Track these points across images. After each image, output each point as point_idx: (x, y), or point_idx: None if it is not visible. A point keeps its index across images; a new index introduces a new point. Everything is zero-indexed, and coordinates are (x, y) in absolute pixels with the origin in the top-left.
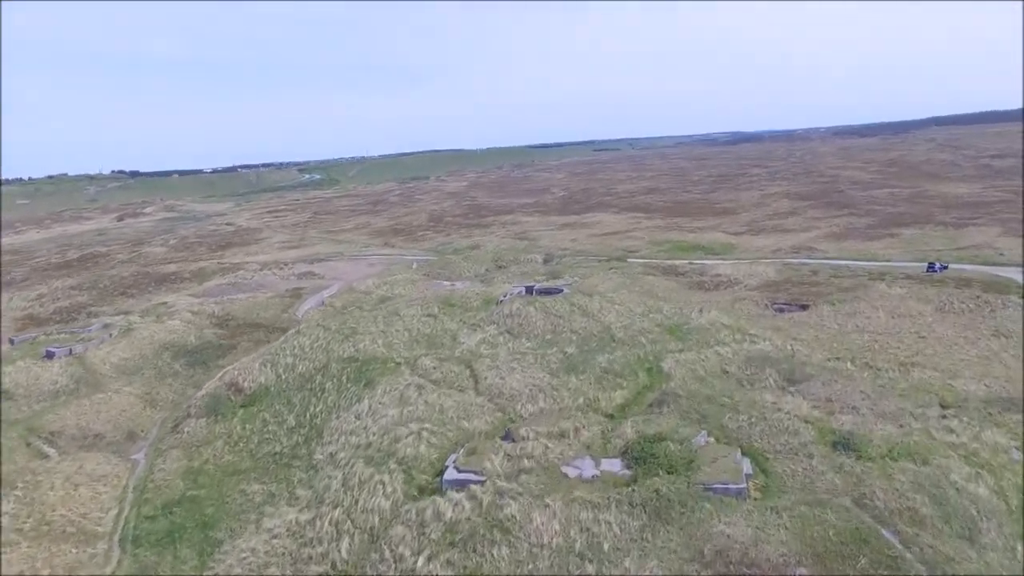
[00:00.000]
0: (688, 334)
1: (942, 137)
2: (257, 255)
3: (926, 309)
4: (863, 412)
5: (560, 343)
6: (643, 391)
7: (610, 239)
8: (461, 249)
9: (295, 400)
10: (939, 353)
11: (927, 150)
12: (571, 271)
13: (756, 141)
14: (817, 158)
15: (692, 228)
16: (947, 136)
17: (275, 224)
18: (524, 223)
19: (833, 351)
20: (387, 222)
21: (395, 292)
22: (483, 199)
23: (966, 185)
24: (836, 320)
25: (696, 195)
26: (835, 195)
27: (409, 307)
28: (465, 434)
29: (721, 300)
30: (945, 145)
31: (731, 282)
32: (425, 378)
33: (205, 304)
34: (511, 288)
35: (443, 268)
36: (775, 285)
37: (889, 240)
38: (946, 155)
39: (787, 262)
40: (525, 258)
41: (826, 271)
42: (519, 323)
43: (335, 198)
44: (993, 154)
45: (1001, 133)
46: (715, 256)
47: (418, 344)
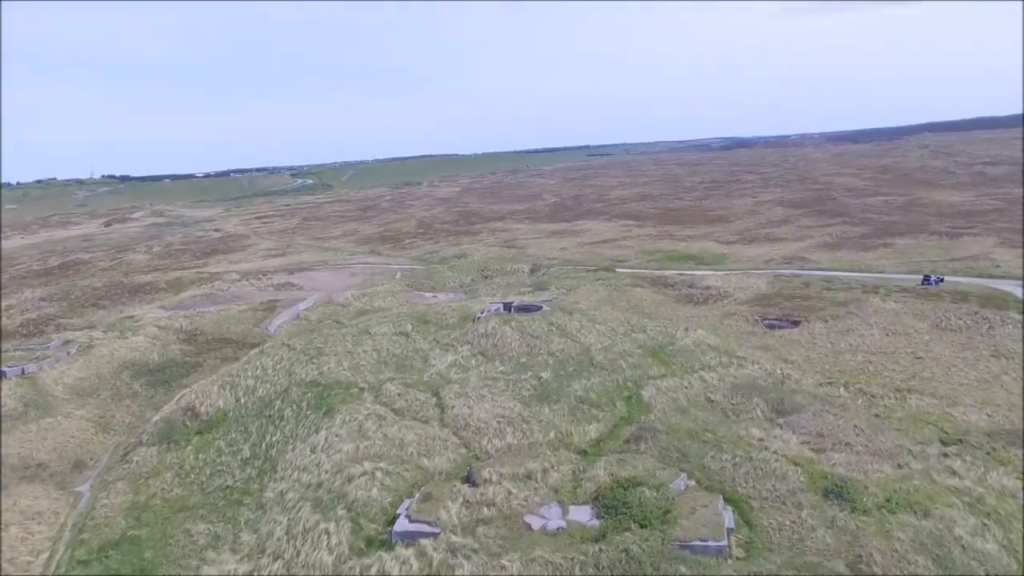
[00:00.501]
0: (672, 356)
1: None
2: (240, 263)
3: (922, 326)
4: (857, 449)
5: (535, 367)
6: (620, 424)
7: (600, 248)
8: (448, 258)
9: (252, 428)
10: (937, 376)
11: (920, 157)
12: (557, 282)
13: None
14: (810, 164)
15: (683, 237)
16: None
17: (262, 230)
18: (514, 230)
19: (825, 374)
20: (376, 229)
21: (374, 304)
22: (474, 205)
23: (960, 193)
24: (829, 338)
25: (688, 202)
26: (828, 203)
27: (381, 324)
28: (424, 474)
29: (710, 315)
30: (938, 151)
31: (721, 295)
32: (388, 406)
33: (174, 318)
34: (488, 305)
35: (427, 278)
36: (766, 299)
37: (883, 250)
38: (939, 162)
39: (779, 274)
40: (512, 268)
41: (818, 283)
42: (494, 344)
43: (326, 203)
44: (986, 161)
45: (993, 139)
46: (706, 266)
47: (386, 366)
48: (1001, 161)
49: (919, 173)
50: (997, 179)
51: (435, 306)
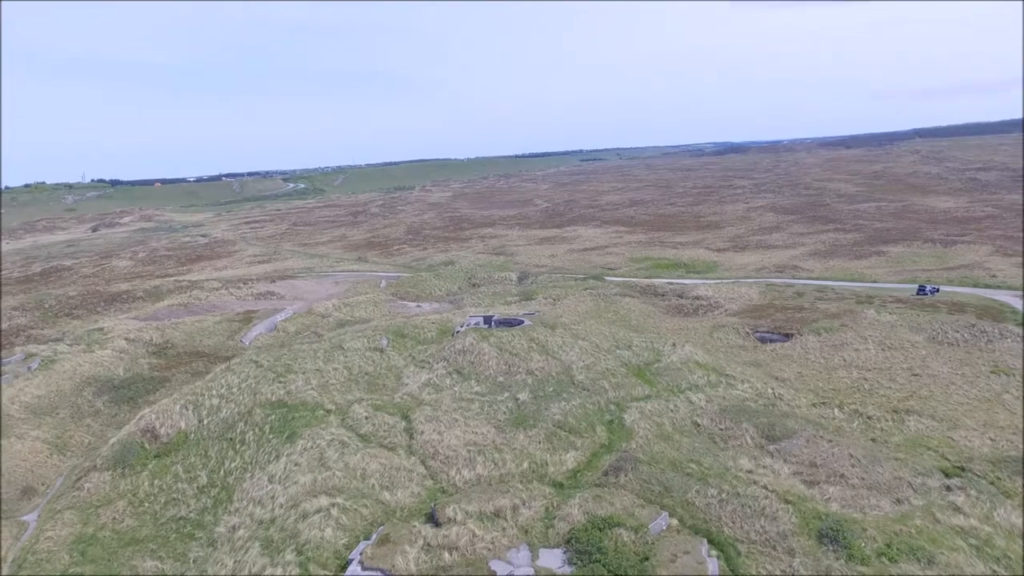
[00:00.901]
0: (658, 376)
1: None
2: (225, 270)
3: (918, 340)
4: (853, 482)
5: (513, 387)
6: (600, 452)
7: (589, 255)
8: (435, 265)
9: (212, 452)
10: (935, 395)
11: (912, 162)
12: (545, 291)
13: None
14: (803, 170)
15: (674, 244)
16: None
17: (250, 236)
18: (503, 237)
19: (819, 393)
20: (365, 235)
21: (355, 315)
22: (465, 211)
23: (952, 199)
24: (822, 353)
25: (680, 208)
26: (821, 209)
27: (355, 339)
28: (384, 509)
29: (699, 328)
30: (929, 157)
31: (711, 306)
32: (354, 431)
33: (145, 330)
34: (468, 318)
35: (413, 287)
36: (758, 310)
37: (876, 258)
38: (931, 167)
39: (771, 283)
40: (499, 276)
41: (811, 293)
42: (470, 361)
43: (316, 208)
44: (978, 167)
45: (983, 145)
46: (697, 275)
47: (356, 385)
48: (993, 167)
49: (911, 179)
50: (989, 185)
51: (414, 319)
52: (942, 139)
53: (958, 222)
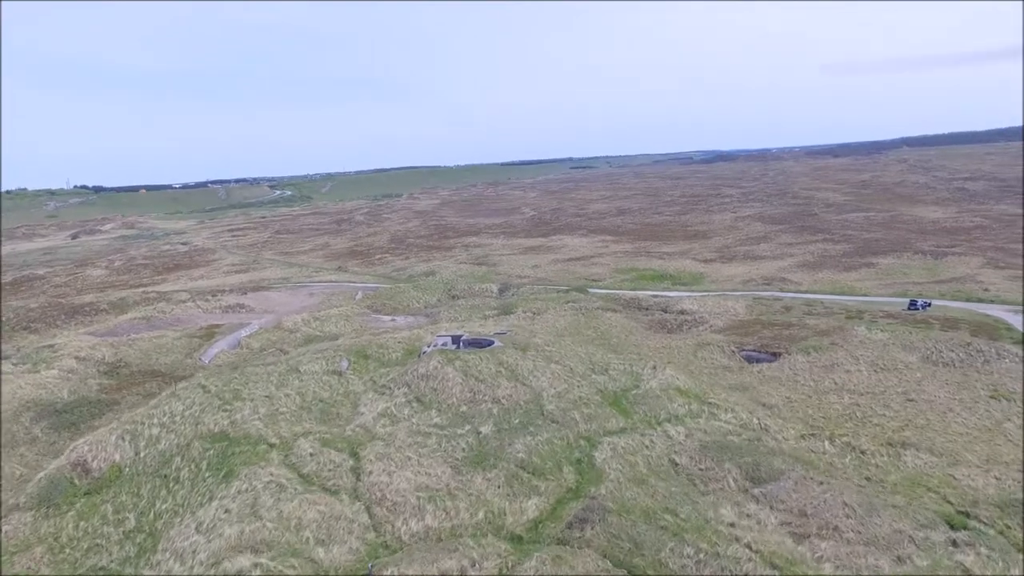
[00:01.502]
0: (635, 404)
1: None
2: (200, 280)
3: (912, 360)
4: (848, 536)
5: (476, 418)
6: (566, 498)
7: (574, 265)
8: (416, 276)
9: (145, 491)
10: (932, 423)
11: (899, 171)
12: (525, 304)
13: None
14: (791, 179)
15: (661, 254)
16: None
17: (231, 244)
18: (488, 246)
19: (808, 422)
20: (348, 243)
21: (325, 330)
22: (451, 219)
23: (941, 209)
24: (811, 374)
25: (668, 217)
26: (809, 219)
27: (314, 361)
28: (316, 569)
29: (683, 347)
30: (917, 166)
31: (696, 321)
32: (296, 470)
33: (99, 347)
34: (436, 338)
35: (390, 299)
36: (744, 326)
37: (866, 270)
38: (919, 176)
39: (758, 296)
40: (480, 288)
41: (800, 307)
42: (433, 388)
43: (301, 216)
44: (966, 176)
45: (970, 154)
46: (683, 287)
47: (308, 414)
48: (981, 176)
49: (899, 188)
50: (977, 195)
51: (380, 337)
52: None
53: (948, 233)
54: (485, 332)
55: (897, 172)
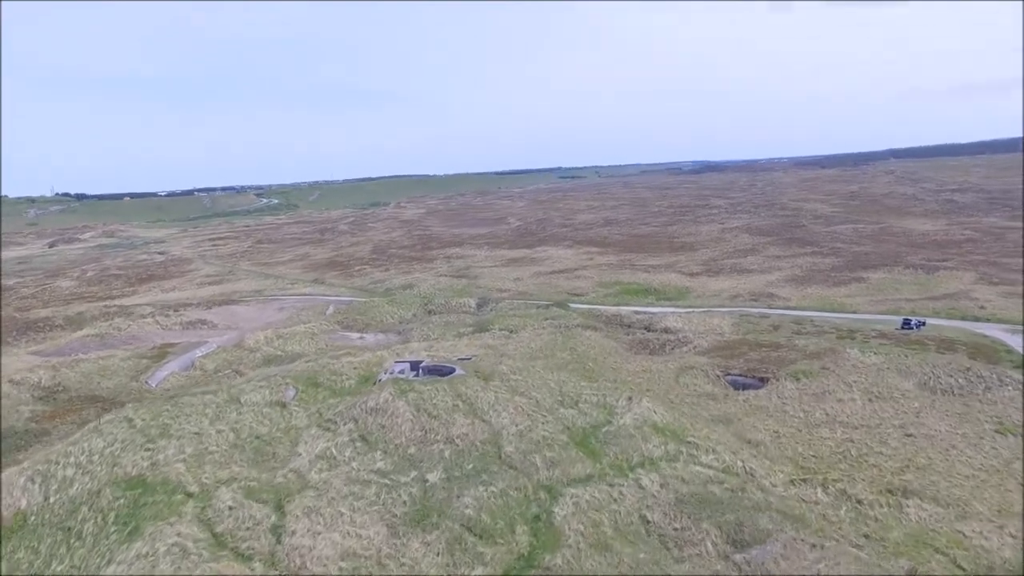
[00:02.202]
0: (605, 444)
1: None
2: (172, 291)
3: (909, 386)
4: None
5: (425, 462)
6: (516, 567)
7: (557, 279)
8: (393, 289)
9: (44, 547)
10: (935, 463)
11: (887, 183)
12: (502, 321)
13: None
14: (779, 189)
15: (646, 267)
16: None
17: (210, 254)
18: (470, 257)
19: (798, 463)
20: (329, 253)
21: (288, 349)
22: (436, 229)
23: (930, 221)
24: (801, 404)
25: (655, 228)
26: (797, 230)
27: (257, 390)
28: None
29: (664, 371)
30: (904, 178)
31: (680, 341)
32: (210, 528)
33: (38, 369)
34: (394, 364)
35: (363, 314)
36: (730, 347)
37: (856, 285)
38: (907, 188)
39: (745, 313)
40: (457, 303)
41: (788, 326)
42: (381, 424)
43: (286, 225)
44: (953, 188)
45: (956, 166)
46: (667, 302)
47: (239, 454)
48: (968, 188)
49: (888, 200)
50: (966, 207)
51: (336, 362)
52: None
53: (938, 246)
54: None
55: (885, 184)
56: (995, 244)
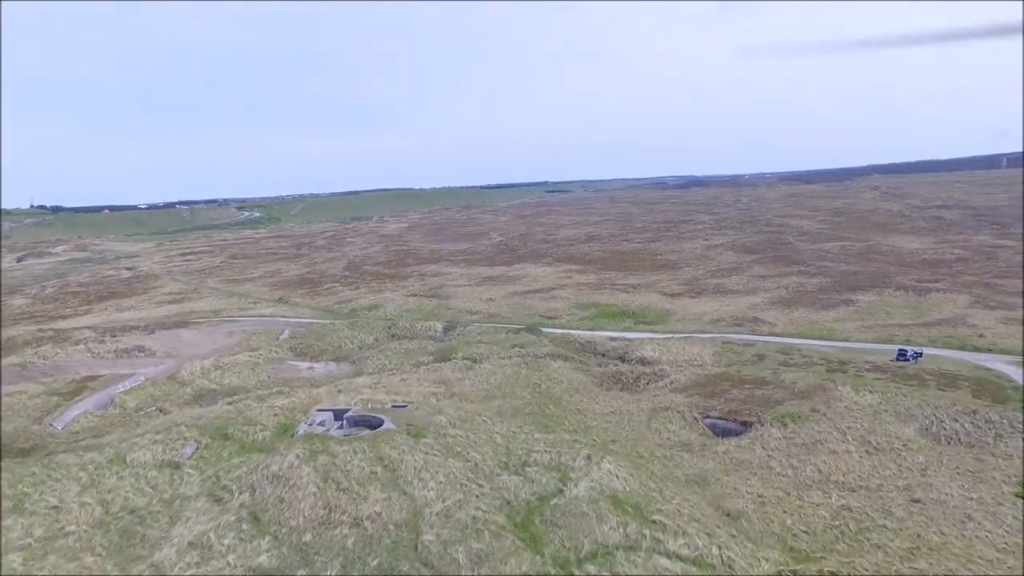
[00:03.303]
0: (552, 526)
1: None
2: (129, 310)
3: (910, 433)
4: None
5: (321, 554)
6: None
7: (531, 299)
8: (359, 309)
9: None
10: (950, 542)
11: (872, 199)
12: (466, 348)
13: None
14: (764, 205)
15: (626, 286)
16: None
17: (180, 270)
18: (445, 275)
19: (787, 542)
20: (301, 270)
21: (224, 381)
22: (415, 244)
23: (917, 239)
24: (789, 457)
25: (637, 244)
26: (782, 248)
27: (149, 445)
28: None
29: (636, 412)
30: (889, 194)
31: (656, 374)
32: None
33: None
34: (315, 414)
35: (319, 339)
36: (711, 382)
37: (845, 309)
38: (892, 204)
39: (727, 340)
40: (423, 326)
41: (774, 355)
42: (279, 498)
43: (263, 239)
44: (939, 204)
45: (937, 182)
46: (646, 326)
47: (100, 538)
48: (954, 205)
49: (873, 216)
50: (954, 224)
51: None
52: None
53: (928, 265)
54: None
55: (870, 200)
56: (987, 263)
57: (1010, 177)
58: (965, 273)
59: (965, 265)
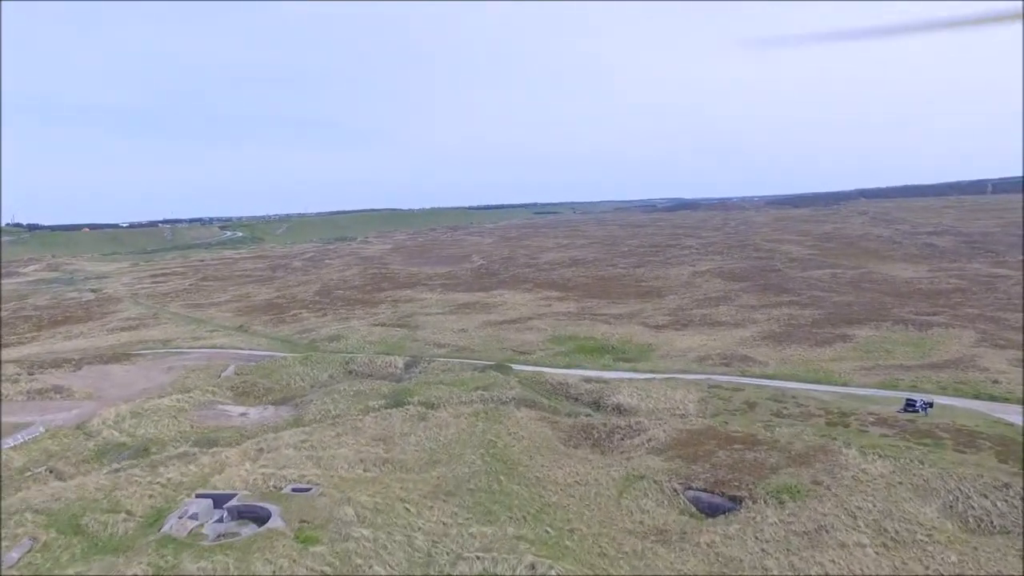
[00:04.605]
0: None
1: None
2: (78, 338)
3: (931, 514)
4: None
5: None
6: None
7: (506, 330)
8: (319, 340)
9: None
10: None
11: (862, 224)
12: (424, 391)
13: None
14: (752, 229)
15: (608, 316)
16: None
17: (145, 292)
18: (420, 301)
19: None
20: (271, 294)
21: (139, 432)
22: (395, 266)
23: (911, 266)
24: (789, 554)
25: (622, 270)
26: (772, 275)
27: None
28: None
29: (605, 482)
30: (878, 219)
31: (632, 428)
32: None
33: None
34: (192, 500)
35: (266, 376)
36: (694, 439)
37: (841, 346)
38: (881, 230)
39: (714, 383)
40: (383, 362)
41: (766, 403)
42: None
43: (242, 260)
44: (929, 231)
45: (927, 207)
46: (626, 364)
47: None
48: (945, 231)
49: (864, 242)
50: (947, 252)
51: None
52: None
53: (925, 296)
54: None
55: (859, 224)
56: (987, 295)
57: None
58: (965, 305)
59: (964, 296)
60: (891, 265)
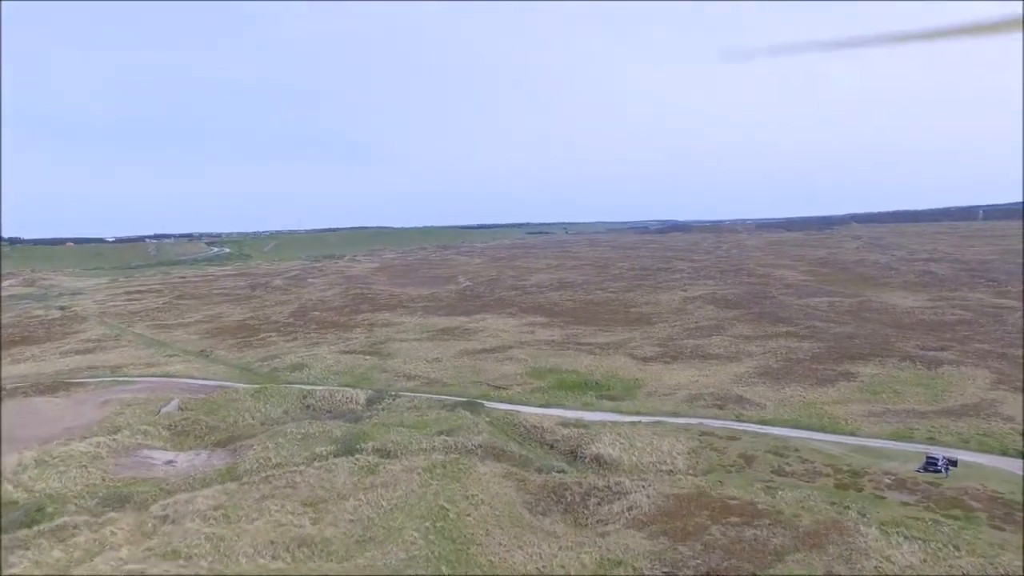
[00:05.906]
0: None
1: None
2: (25, 362)
3: None
4: None
5: None
6: None
7: (484, 360)
8: (281, 369)
9: None
10: None
11: (856, 249)
12: (380, 436)
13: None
14: (745, 252)
15: (593, 346)
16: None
17: (116, 310)
18: (397, 326)
19: None
20: (244, 314)
21: (39, 486)
22: (379, 287)
23: (911, 295)
24: None
25: (611, 294)
26: (767, 302)
27: None
28: None
29: (572, 567)
30: (872, 244)
31: (612, 490)
32: None
33: None
34: None
35: (211, 413)
36: (683, 509)
37: (845, 385)
38: (876, 256)
39: (706, 430)
40: (343, 396)
41: (765, 457)
42: None
43: (223, 277)
44: (926, 257)
45: (920, 232)
46: (609, 402)
47: None
48: (942, 257)
49: (859, 268)
50: (947, 279)
51: None
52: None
53: (929, 328)
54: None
55: (853, 250)
56: (995, 328)
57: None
58: (974, 339)
59: (971, 329)
60: (890, 293)
